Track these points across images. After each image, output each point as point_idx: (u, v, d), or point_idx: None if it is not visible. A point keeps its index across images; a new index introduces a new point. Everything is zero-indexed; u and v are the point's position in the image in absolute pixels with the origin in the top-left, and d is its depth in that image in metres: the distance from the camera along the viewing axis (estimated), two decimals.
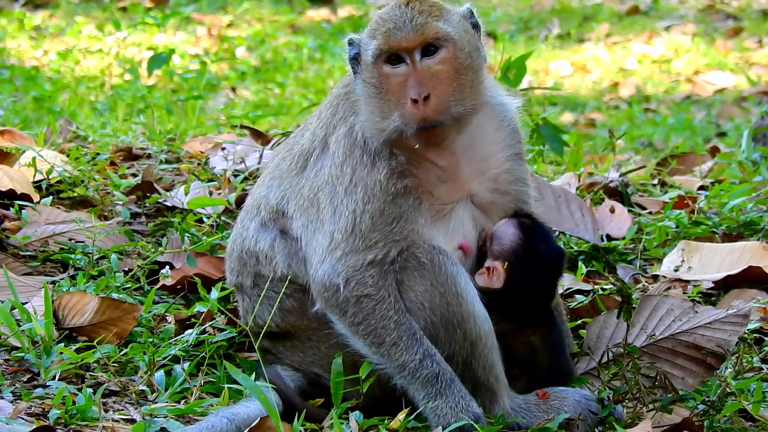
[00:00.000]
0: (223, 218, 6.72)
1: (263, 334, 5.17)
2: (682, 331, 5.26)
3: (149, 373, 5.25)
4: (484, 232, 5.18)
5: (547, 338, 5.16)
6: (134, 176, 7.50)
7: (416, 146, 4.95)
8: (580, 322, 5.78)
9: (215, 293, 5.60)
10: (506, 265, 5.10)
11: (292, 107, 13.71)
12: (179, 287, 5.98)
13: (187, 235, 6.41)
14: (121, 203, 6.97)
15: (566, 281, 6.19)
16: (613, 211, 7.04)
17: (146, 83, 14.07)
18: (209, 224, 6.70)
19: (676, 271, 6.50)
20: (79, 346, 5.42)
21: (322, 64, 15.84)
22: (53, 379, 5.16)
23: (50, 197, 6.86)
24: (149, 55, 14.03)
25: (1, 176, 6.71)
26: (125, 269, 6.18)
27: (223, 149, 7.62)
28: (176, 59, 14.69)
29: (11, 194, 6.66)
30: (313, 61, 15.99)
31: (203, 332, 5.52)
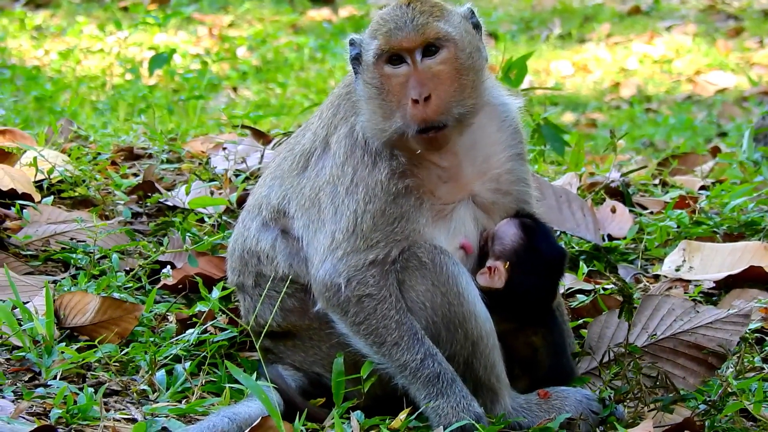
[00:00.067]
0: (224, 218, 6.72)
1: (264, 333, 5.16)
2: (683, 330, 5.25)
3: (150, 372, 5.24)
4: (485, 232, 5.17)
5: (548, 338, 5.16)
6: (135, 176, 7.50)
7: (418, 152, 4.95)
8: (581, 321, 5.78)
9: (216, 293, 5.60)
10: (508, 265, 5.10)
11: (293, 107, 13.71)
12: (180, 287, 5.98)
13: (188, 234, 6.41)
14: (122, 203, 6.97)
15: (567, 281, 6.19)
16: (614, 211, 7.04)
17: (147, 83, 14.07)
18: (210, 224, 6.70)
19: (677, 270, 6.50)
20: (80, 345, 5.43)
21: (323, 64, 15.84)
22: (54, 378, 5.16)
23: (51, 197, 6.86)
24: (150, 54, 14.03)
25: (2, 176, 6.71)
26: (126, 269, 6.18)
27: (224, 149, 7.61)
28: (177, 59, 14.69)
29: (12, 194, 6.66)
30: (314, 61, 15.99)
31: (204, 332, 5.52)
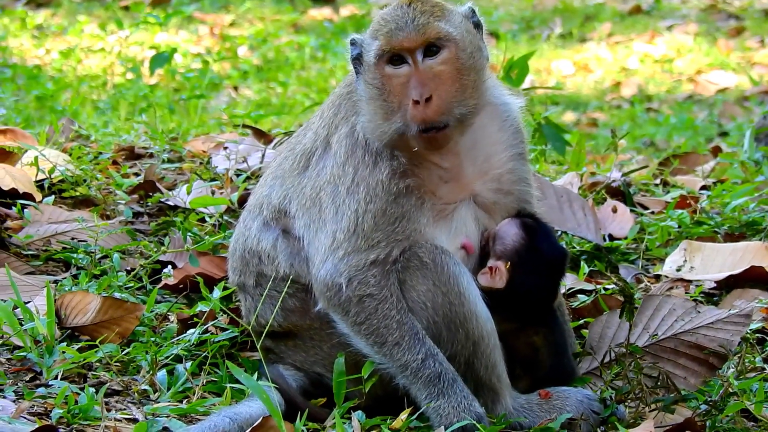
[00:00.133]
0: (225, 218, 6.72)
1: (265, 333, 5.15)
2: (684, 331, 5.25)
3: (151, 372, 5.24)
4: (486, 231, 5.17)
5: (549, 338, 5.16)
6: (136, 175, 7.50)
7: (415, 149, 4.94)
8: (582, 321, 5.77)
9: (217, 293, 5.60)
10: (509, 265, 5.10)
11: (294, 106, 13.71)
12: (181, 287, 5.98)
13: (189, 234, 6.41)
14: (123, 202, 6.97)
15: (569, 281, 6.19)
16: (615, 210, 7.04)
17: (148, 82, 14.08)
18: (211, 224, 6.70)
19: (678, 270, 6.49)
20: (81, 345, 5.43)
21: (324, 63, 15.84)
22: (55, 378, 5.16)
23: (52, 196, 6.86)
24: (151, 54, 14.04)
25: (3, 175, 6.71)
26: (127, 268, 6.18)
27: (225, 148, 7.62)
28: (178, 58, 14.70)
29: (13, 193, 6.66)
30: (315, 60, 15.99)
31: (205, 332, 5.52)
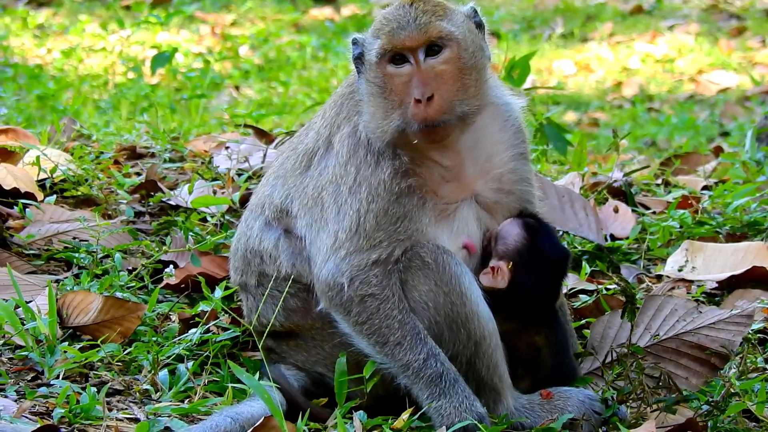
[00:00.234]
0: (227, 217, 6.72)
1: (267, 333, 5.15)
2: (686, 331, 5.25)
3: (153, 372, 5.24)
4: (488, 231, 5.17)
5: (551, 338, 5.16)
6: (138, 175, 7.50)
7: (415, 141, 4.93)
8: (584, 321, 5.78)
9: (219, 292, 5.60)
10: (511, 265, 5.10)
11: (295, 106, 13.72)
12: (183, 286, 5.98)
13: (191, 234, 6.41)
14: (125, 202, 6.97)
15: (570, 281, 6.19)
16: (616, 210, 7.03)
17: (150, 82, 14.08)
18: (213, 223, 6.70)
19: (680, 271, 6.49)
20: (83, 345, 5.42)
21: (325, 62, 15.84)
22: (57, 378, 5.16)
23: (54, 196, 6.86)
24: (153, 53, 14.04)
25: (5, 175, 6.71)
26: (129, 268, 6.18)
27: (226, 148, 7.62)
28: (179, 58, 14.70)
29: (15, 193, 6.66)
30: (316, 59, 15.99)
31: (207, 331, 5.52)
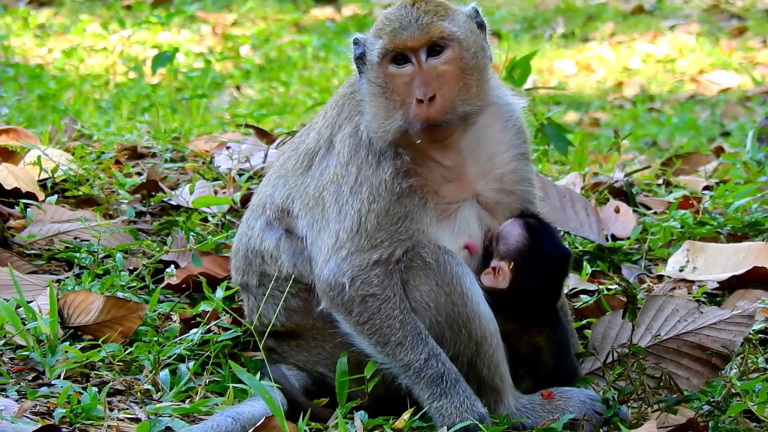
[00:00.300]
0: (228, 217, 6.72)
1: (268, 333, 5.15)
2: (687, 331, 5.25)
3: (154, 372, 5.24)
4: (489, 232, 5.17)
5: (552, 338, 5.16)
6: (139, 175, 7.50)
7: (418, 141, 4.93)
8: (585, 322, 5.77)
9: (220, 292, 5.60)
10: (512, 265, 5.10)
11: (296, 106, 13.72)
12: (184, 286, 5.98)
13: (192, 234, 6.41)
14: (126, 202, 6.97)
15: (571, 281, 6.19)
16: (617, 211, 7.03)
17: (150, 82, 14.08)
18: (214, 223, 6.70)
19: (681, 271, 6.49)
20: (84, 344, 5.42)
21: (326, 62, 15.84)
22: (58, 377, 5.17)
23: (55, 196, 6.86)
24: (153, 53, 14.04)
25: (6, 175, 6.71)
26: (130, 268, 6.18)
27: (227, 148, 7.62)
28: (180, 58, 14.70)
29: (16, 193, 6.66)
30: (317, 59, 15.99)
31: (208, 331, 5.52)
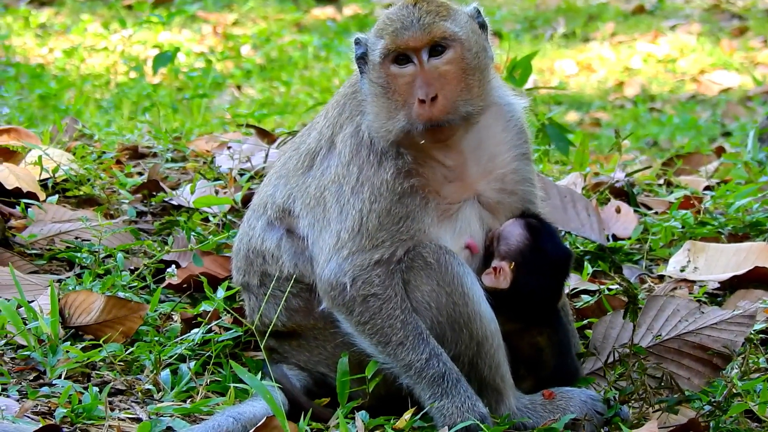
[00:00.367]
0: (229, 217, 6.72)
1: (269, 333, 5.15)
2: (688, 331, 5.25)
3: (155, 372, 5.24)
4: (491, 232, 5.17)
5: (553, 338, 5.16)
6: (140, 175, 7.50)
7: (422, 141, 4.93)
8: (586, 322, 5.77)
9: (221, 292, 5.60)
10: (513, 265, 5.10)
11: (297, 106, 13.72)
12: (185, 286, 5.98)
13: (193, 233, 6.41)
14: (127, 202, 6.97)
15: (572, 281, 6.19)
16: (618, 211, 7.03)
17: (151, 81, 14.08)
18: (215, 223, 6.70)
19: (682, 271, 6.49)
20: (85, 344, 5.43)
21: (327, 62, 15.84)
22: (59, 377, 5.17)
23: (56, 196, 6.86)
24: (154, 53, 14.04)
25: (7, 175, 6.71)
26: (131, 268, 6.18)
27: (228, 148, 7.62)
28: (181, 57, 14.70)
29: (17, 192, 6.66)
30: (318, 59, 15.99)
31: (209, 331, 5.52)
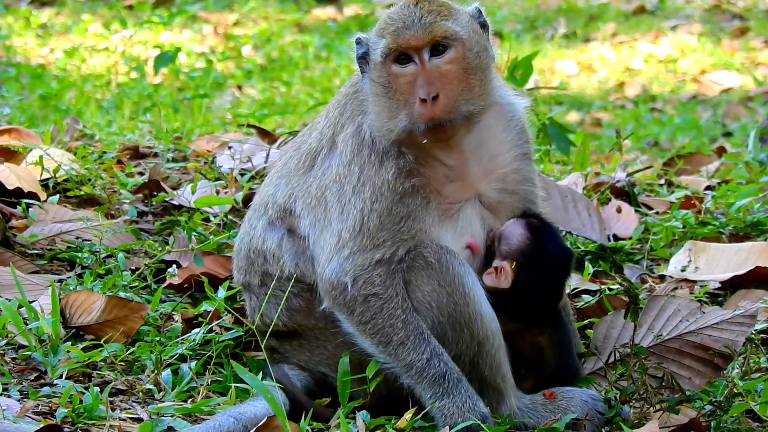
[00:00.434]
0: (230, 217, 6.72)
1: (270, 333, 5.16)
2: (689, 331, 5.25)
3: (156, 371, 5.24)
4: (492, 232, 5.17)
5: (554, 338, 5.16)
6: (141, 175, 7.50)
7: (424, 141, 4.94)
8: (587, 322, 5.77)
9: (222, 292, 5.60)
10: (514, 265, 5.10)
11: (298, 106, 13.72)
12: (186, 286, 5.98)
13: (194, 233, 6.41)
14: (128, 202, 6.97)
15: (573, 281, 6.18)
16: (619, 211, 7.03)
17: (152, 81, 14.08)
18: (216, 223, 6.70)
19: (683, 271, 6.49)
20: (86, 344, 5.43)
21: (327, 62, 15.84)
22: (60, 377, 5.17)
23: (57, 196, 6.86)
24: (155, 53, 14.05)
25: (8, 174, 6.71)
26: (132, 268, 6.18)
27: (229, 148, 7.63)
28: (182, 57, 14.70)
29: (18, 192, 6.66)
30: (318, 59, 15.99)
31: (210, 331, 5.52)
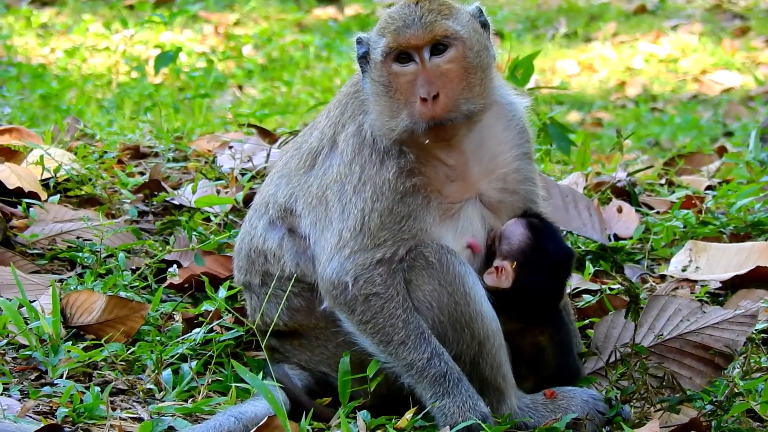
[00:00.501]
0: (230, 217, 6.72)
1: (271, 332, 5.16)
2: (689, 331, 5.25)
3: (157, 371, 5.25)
4: (492, 231, 5.17)
5: (555, 338, 5.16)
6: (142, 174, 7.50)
7: (426, 141, 4.94)
8: (587, 321, 5.77)
9: (223, 292, 5.60)
10: (515, 264, 5.10)
11: (298, 105, 13.71)
12: (187, 286, 5.98)
13: (194, 233, 6.42)
14: (128, 201, 6.97)
15: (574, 281, 6.18)
16: (620, 210, 7.03)
17: (153, 81, 14.08)
18: (217, 223, 6.70)
19: (683, 271, 6.49)
20: (86, 344, 5.43)
21: (328, 62, 15.84)
22: (61, 377, 5.17)
23: (58, 195, 6.86)
24: (156, 53, 14.03)
25: (8, 174, 6.71)
26: (133, 267, 6.18)
27: (230, 148, 7.63)
28: (183, 57, 14.69)
29: (19, 192, 6.66)
30: (319, 59, 15.99)
31: (211, 331, 5.52)
